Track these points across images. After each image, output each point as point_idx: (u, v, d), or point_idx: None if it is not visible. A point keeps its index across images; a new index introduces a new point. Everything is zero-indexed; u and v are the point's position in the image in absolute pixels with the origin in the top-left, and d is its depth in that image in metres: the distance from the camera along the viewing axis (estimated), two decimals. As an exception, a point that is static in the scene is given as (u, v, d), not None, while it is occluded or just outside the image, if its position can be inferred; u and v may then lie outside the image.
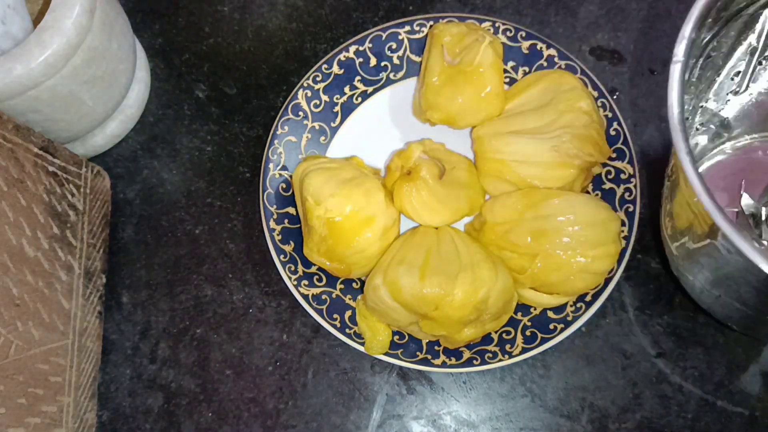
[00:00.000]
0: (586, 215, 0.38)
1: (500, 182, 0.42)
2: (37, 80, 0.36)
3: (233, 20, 0.52)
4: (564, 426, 0.41)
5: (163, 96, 0.50)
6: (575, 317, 0.40)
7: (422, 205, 0.41)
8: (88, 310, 0.42)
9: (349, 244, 0.39)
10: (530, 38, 0.45)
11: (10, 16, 0.39)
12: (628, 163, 0.42)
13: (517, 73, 0.46)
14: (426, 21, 0.46)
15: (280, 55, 0.50)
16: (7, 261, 0.34)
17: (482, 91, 0.42)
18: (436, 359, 0.40)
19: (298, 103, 0.45)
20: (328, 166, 0.41)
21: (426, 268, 0.37)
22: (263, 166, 0.44)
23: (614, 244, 0.39)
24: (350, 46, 0.46)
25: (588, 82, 0.44)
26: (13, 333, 0.34)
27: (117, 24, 0.42)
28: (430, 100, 0.43)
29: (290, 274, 0.42)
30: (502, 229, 0.40)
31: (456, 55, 0.43)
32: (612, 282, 0.40)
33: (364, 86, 0.47)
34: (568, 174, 0.40)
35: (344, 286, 0.43)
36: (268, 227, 0.43)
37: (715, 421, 0.41)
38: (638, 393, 0.42)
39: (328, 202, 0.39)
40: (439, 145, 0.44)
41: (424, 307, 0.37)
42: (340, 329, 0.41)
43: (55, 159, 0.40)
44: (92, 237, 0.43)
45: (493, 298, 0.37)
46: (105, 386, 0.43)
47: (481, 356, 0.40)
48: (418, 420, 0.42)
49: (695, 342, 0.42)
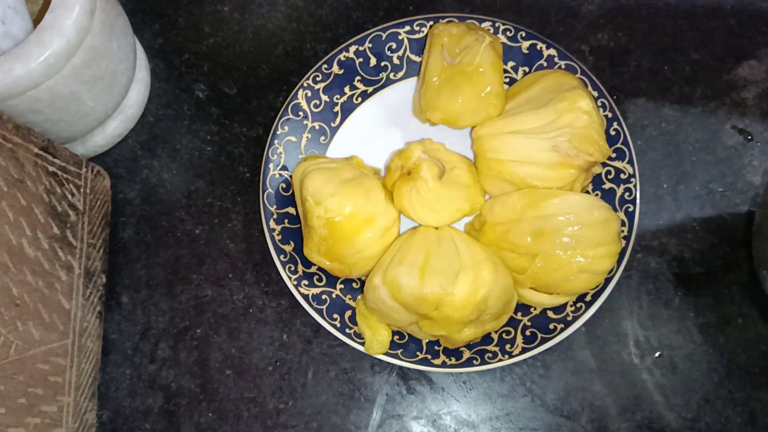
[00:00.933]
0: (586, 215, 0.38)
1: (500, 182, 0.42)
2: (37, 80, 0.36)
3: (233, 20, 0.52)
4: (564, 426, 0.41)
5: (163, 96, 0.50)
6: (575, 317, 0.40)
7: (422, 205, 0.41)
8: (88, 310, 0.42)
9: (349, 244, 0.39)
10: (530, 38, 0.45)
11: (10, 16, 0.39)
12: (628, 163, 0.42)
13: (517, 73, 0.46)
14: (426, 21, 0.46)
15: (280, 55, 0.50)
16: (7, 261, 0.34)
17: (482, 91, 0.42)
18: (436, 359, 0.40)
19: (298, 103, 0.45)
20: (328, 166, 0.41)
21: (426, 268, 0.37)
22: (263, 165, 0.44)
23: (614, 244, 0.39)
24: (350, 46, 0.46)
25: (588, 82, 0.44)
26: (13, 333, 0.34)
27: (117, 24, 0.42)
28: (430, 100, 0.43)
29: (290, 274, 0.42)
30: (502, 229, 0.40)
31: (456, 55, 0.43)
32: (612, 282, 0.40)
33: (364, 86, 0.47)
34: (567, 174, 0.40)
35: (344, 286, 0.43)
36: (268, 227, 0.43)
37: (715, 421, 0.41)
38: (638, 393, 0.42)
39: (328, 202, 0.38)
40: (439, 145, 0.44)
41: (424, 307, 0.37)
42: (340, 329, 0.41)
43: (55, 159, 0.40)
44: (92, 237, 0.43)
45: (493, 298, 0.37)
46: (105, 386, 0.43)
47: (481, 356, 0.40)
48: (418, 420, 0.42)
49: (695, 342, 0.42)
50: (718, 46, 0.49)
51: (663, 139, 0.47)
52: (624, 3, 0.51)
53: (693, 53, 0.49)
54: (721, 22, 0.50)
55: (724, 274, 0.44)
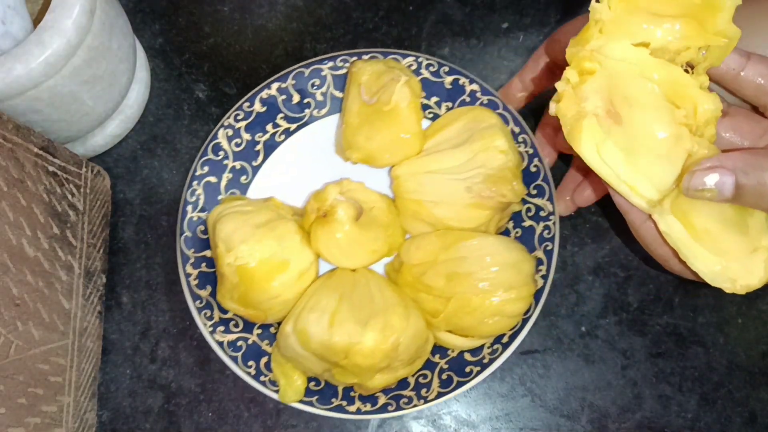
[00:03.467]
0: (499, 257, 0.38)
1: (418, 222, 0.41)
2: (37, 80, 0.36)
3: (233, 20, 0.52)
4: (564, 426, 0.41)
5: (163, 96, 0.50)
6: (491, 360, 0.39)
7: (338, 248, 0.40)
8: (88, 310, 0.42)
9: (263, 291, 0.38)
10: (453, 73, 0.45)
11: (10, 16, 0.39)
12: (548, 200, 0.42)
13: (440, 108, 0.45)
14: (349, 57, 0.45)
15: (280, 55, 0.50)
16: (7, 261, 0.34)
17: (399, 131, 0.41)
18: (351, 406, 0.39)
19: (219, 143, 0.44)
20: (242, 209, 0.40)
21: (336, 314, 0.37)
22: (181, 208, 0.42)
23: (527, 286, 0.38)
24: (272, 84, 0.45)
25: (510, 118, 0.43)
26: (13, 333, 0.34)
27: (117, 24, 0.42)
28: (349, 139, 0.42)
29: (206, 320, 0.40)
30: (418, 270, 0.39)
31: (374, 94, 0.42)
32: (529, 322, 0.39)
33: (287, 123, 0.45)
34: (482, 215, 0.40)
35: (262, 331, 0.41)
36: (184, 272, 0.41)
37: (715, 421, 0.41)
38: (638, 393, 0.42)
39: (238, 249, 0.37)
40: (358, 185, 0.42)
41: (333, 356, 0.36)
42: (255, 377, 0.39)
43: (55, 159, 0.40)
44: (92, 237, 0.43)
45: (404, 344, 0.36)
46: (105, 386, 0.43)
47: (397, 401, 0.39)
48: (418, 420, 0.42)
49: (695, 342, 0.42)
50: (718, 46, 0.49)
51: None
52: (624, 3, 0.51)
53: (693, 53, 0.49)
54: (721, 22, 0.50)
55: (724, 274, 0.44)
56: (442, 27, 0.51)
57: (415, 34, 0.51)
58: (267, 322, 0.41)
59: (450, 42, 0.50)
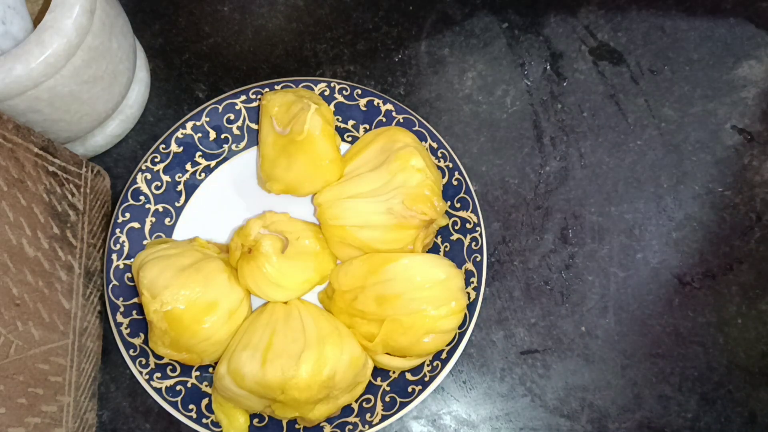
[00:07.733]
0: (425, 276, 0.38)
1: (346, 247, 0.41)
2: (37, 80, 0.36)
3: (233, 20, 0.52)
4: (564, 426, 0.41)
5: (163, 96, 0.50)
6: (432, 377, 0.39)
7: (266, 283, 0.39)
8: (88, 310, 0.42)
9: (193, 334, 0.38)
10: (366, 95, 0.45)
11: (10, 16, 0.39)
12: (472, 212, 0.42)
13: (358, 130, 0.46)
14: (261, 89, 0.45)
15: (280, 55, 0.50)
16: (7, 261, 0.34)
17: (316, 159, 0.41)
18: None
19: (138, 188, 0.44)
20: (166, 253, 0.40)
21: (269, 351, 0.37)
22: (105, 257, 0.42)
23: (458, 301, 0.38)
24: (187, 123, 0.45)
25: (426, 134, 0.44)
26: (13, 333, 0.34)
27: (117, 24, 0.42)
28: (268, 171, 0.43)
29: (141, 368, 0.40)
30: (350, 296, 0.39)
31: (286, 125, 0.42)
32: (466, 336, 0.39)
33: (206, 161, 0.45)
34: (405, 235, 0.40)
35: (200, 373, 0.41)
36: (114, 321, 0.41)
37: (715, 421, 0.41)
38: (638, 393, 0.42)
39: (163, 295, 0.37)
40: (281, 216, 0.42)
41: (270, 393, 0.36)
42: (197, 420, 0.39)
43: (55, 159, 0.40)
44: (92, 237, 0.43)
45: (340, 373, 0.36)
46: (105, 386, 0.43)
47: (342, 429, 0.39)
48: (418, 420, 0.42)
49: (695, 342, 0.42)
50: (718, 46, 0.49)
51: (663, 139, 0.47)
52: (624, 3, 0.51)
53: (693, 53, 0.49)
54: (721, 22, 0.50)
55: (724, 274, 0.44)
56: (442, 27, 0.51)
57: (415, 34, 0.51)
58: (204, 364, 0.40)
59: (450, 42, 0.50)
